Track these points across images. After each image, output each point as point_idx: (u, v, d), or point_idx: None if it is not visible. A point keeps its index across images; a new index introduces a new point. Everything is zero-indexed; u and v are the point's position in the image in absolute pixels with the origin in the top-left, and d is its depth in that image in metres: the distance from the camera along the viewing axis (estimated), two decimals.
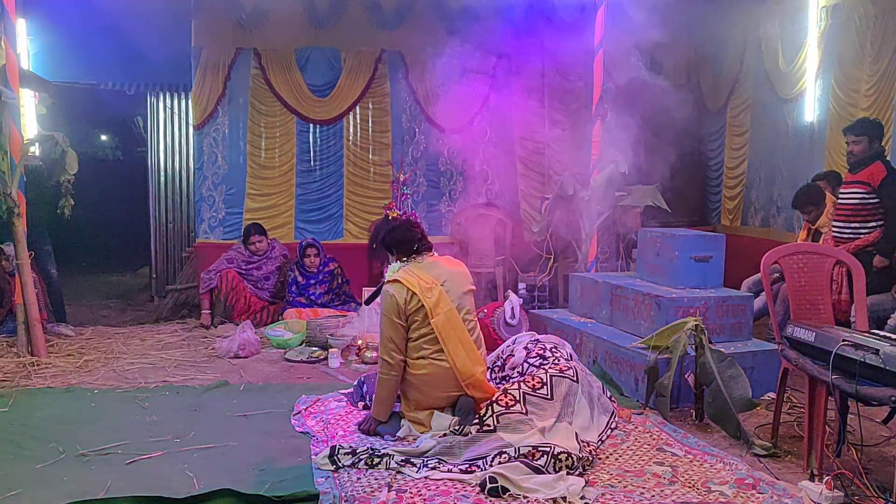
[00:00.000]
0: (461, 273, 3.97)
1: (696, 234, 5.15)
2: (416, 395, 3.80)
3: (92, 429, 3.84)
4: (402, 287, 3.75)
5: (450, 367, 3.70)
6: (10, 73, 5.18)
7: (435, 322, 3.71)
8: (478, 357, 3.83)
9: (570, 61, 7.21)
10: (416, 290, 3.72)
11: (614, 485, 3.21)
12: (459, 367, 3.70)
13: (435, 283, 3.78)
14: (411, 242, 3.94)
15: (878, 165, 4.97)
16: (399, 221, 4.01)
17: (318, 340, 5.58)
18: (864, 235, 5.03)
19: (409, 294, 3.73)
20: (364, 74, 7.44)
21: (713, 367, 3.93)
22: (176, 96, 8.24)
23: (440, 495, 3.06)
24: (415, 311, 3.73)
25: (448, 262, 4.01)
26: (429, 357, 3.74)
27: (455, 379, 3.71)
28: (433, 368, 3.73)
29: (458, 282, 3.90)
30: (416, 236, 3.95)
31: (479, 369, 3.80)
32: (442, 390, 3.76)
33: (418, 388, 3.78)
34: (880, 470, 3.40)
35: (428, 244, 3.99)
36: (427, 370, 3.74)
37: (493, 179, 7.71)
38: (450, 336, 3.73)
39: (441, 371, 3.73)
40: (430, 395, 3.77)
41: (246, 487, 3.07)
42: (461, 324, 3.79)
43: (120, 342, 5.79)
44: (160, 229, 8.46)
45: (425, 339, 3.74)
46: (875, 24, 5.74)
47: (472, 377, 3.73)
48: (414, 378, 3.77)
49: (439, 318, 3.72)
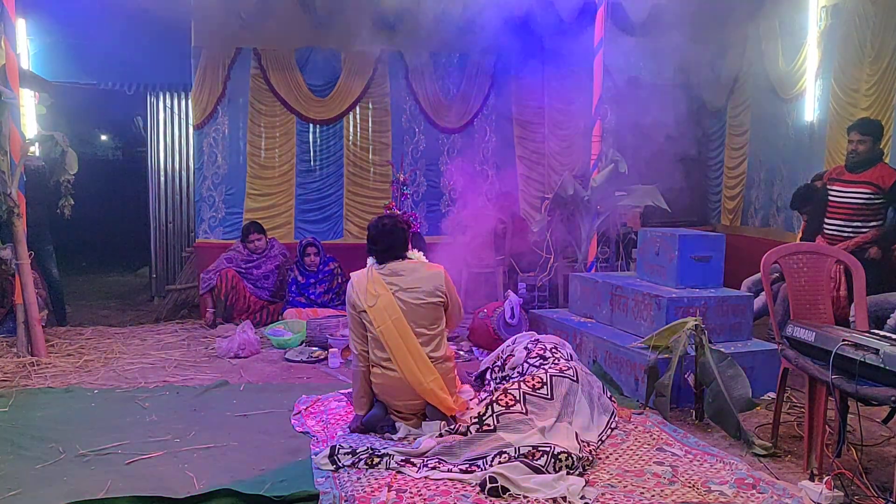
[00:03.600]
0: (426, 285, 3.84)
1: (696, 234, 5.15)
2: (386, 401, 3.83)
3: (92, 429, 3.84)
4: (352, 286, 3.86)
5: (400, 376, 3.72)
6: (10, 73, 5.18)
7: (380, 329, 3.74)
8: (429, 368, 3.75)
9: (571, 61, 7.21)
10: (360, 293, 3.80)
11: (614, 485, 3.21)
12: (407, 376, 3.70)
13: (385, 291, 3.78)
14: (376, 247, 3.92)
15: (886, 168, 5.03)
16: (383, 222, 3.92)
17: (318, 340, 5.58)
18: (864, 233, 5.07)
19: (353, 294, 3.83)
20: (364, 74, 7.45)
21: (713, 367, 3.93)
22: (176, 96, 8.24)
23: (440, 495, 3.06)
24: (359, 312, 3.82)
25: (418, 271, 3.90)
26: (379, 364, 3.79)
27: (409, 389, 3.73)
28: (384, 378, 3.77)
29: (418, 292, 3.82)
30: (383, 244, 3.89)
31: (430, 378, 3.73)
32: (399, 399, 3.79)
33: (379, 396, 3.83)
34: (880, 470, 3.40)
35: (396, 254, 3.90)
36: (380, 379, 3.79)
37: (493, 179, 7.72)
38: (397, 345, 3.73)
39: (392, 381, 3.75)
40: (391, 404, 3.82)
41: (246, 487, 3.07)
42: (410, 334, 3.75)
43: (120, 342, 5.79)
44: (160, 229, 8.46)
45: (376, 345, 3.80)
46: (875, 24, 5.74)
47: (420, 386, 3.71)
48: (374, 386, 3.83)
49: (384, 326, 3.73)
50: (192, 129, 7.52)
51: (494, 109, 7.74)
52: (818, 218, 5.37)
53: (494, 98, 7.71)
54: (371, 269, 3.91)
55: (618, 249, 7.22)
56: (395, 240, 3.91)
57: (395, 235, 3.90)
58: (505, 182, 7.72)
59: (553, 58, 7.49)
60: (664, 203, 6.45)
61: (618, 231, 7.16)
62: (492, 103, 7.71)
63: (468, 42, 7.12)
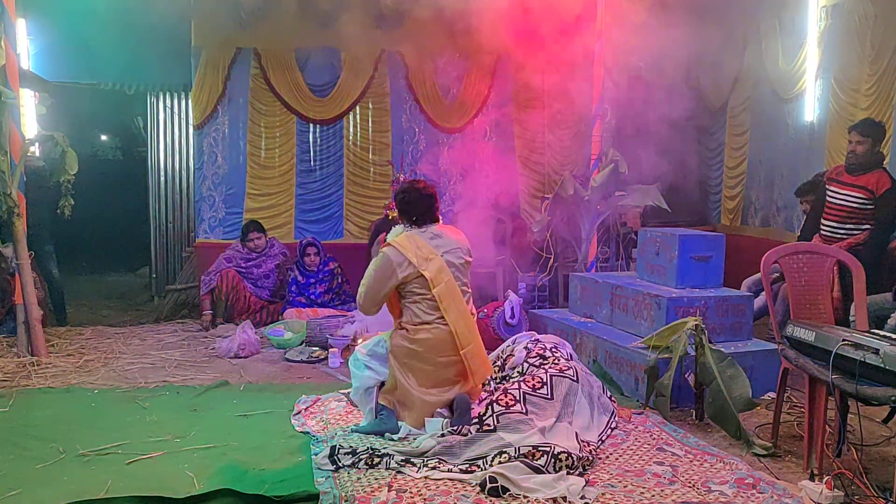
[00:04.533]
0: (462, 244, 4.04)
1: (696, 234, 5.15)
2: (417, 365, 3.83)
3: (92, 429, 3.84)
4: (399, 253, 3.83)
5: (451, 331, 3.81)
6: (10, 73, 5.18)
7: (437, 291, 3.80)
8: (475, 328, 3.95)
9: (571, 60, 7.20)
10: (412, 259, 3.81)
11: (614, 484, 3.21)
12: (459, 333, 3.82)
13: (435, 254, 3.86)
14: (415, 211, 3.99)
15: (883, 175, 5.00)
16: (417, 186, 4.03)
17: (318, 340, 5.58)
18: (856, 235, 5.06)
19: (405, 261, 3.81)
20: (364, 74, 7.45)
21: (713, 366, 3.93)
22: (176, 96, 8.23)
23: (440, 495, 3.06)
24: (412, 279, 3.82)
25: (452, 233, 4.09)
26: (432, 322, 3.84)
27: (454, 345, 3.81)
28: (436, 332, 3.83)
29: (458, 253, 3.99)
30: (422, 207, 3.99)
31: (476, 339, 3.91)
32: (443, 354, 3.84)
33: (420, 356, 3.83)
34: (880, 470, 3.40)
35: (434, 217, 4.03)
36: (431, 334, 3.83)
37: (493, 179, 7.71)
38: (451, 305, 3.84)
39: (443, 335, 3.82)
40: (431, 361, 3.84)
41: (246, 487, 3.07)
42: (460, 294, 3.91)
43: (120, 342, 5.79)
44: (160, 229, 8.46)
45: (427, 307, 3.83)
46: (875, 24, 5.74)
47: (470, 345, 3.85)
48: (416, 344, 3.83)
49: (440, 287, 3.82)
50: (192, 129, 7.52)
51: (494, 109, 7.73)
52: (818, 210, 5.35)
53: (494, 98, 7.71)
54: (412, 234, 3.95)
55: (618, 249, 7.22)
56: (432, 202, 4.03)
57: (432, 198, 4.03)
58: (505, 182, 7.72)
59: (553, 57, 7.48)
60: (664, 203, 6.45)
61: (618, 231, 7.15)
62: (492, 103, 7.70)
63: (468, 42, 7.11)
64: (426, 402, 3.82)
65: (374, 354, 3.96)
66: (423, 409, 3.82)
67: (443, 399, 3.85)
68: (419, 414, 3.82)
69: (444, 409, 3.86)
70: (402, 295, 3.90)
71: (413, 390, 3.82)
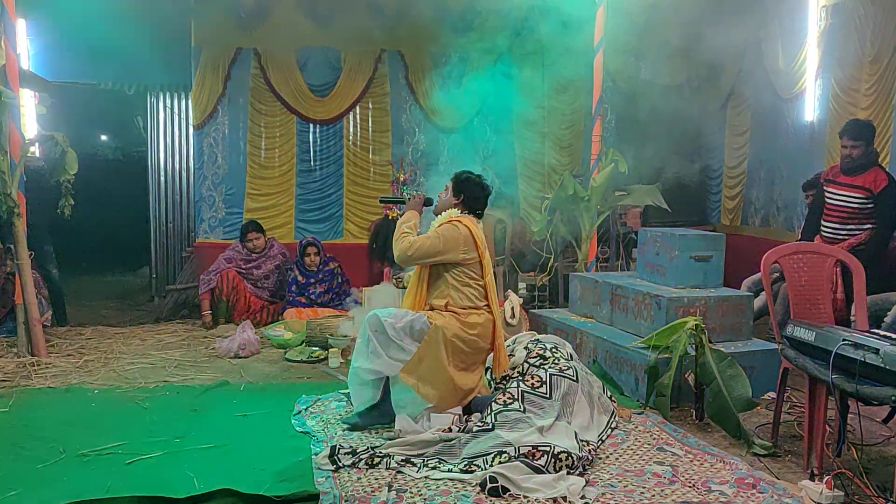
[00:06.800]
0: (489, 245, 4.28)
1: (696, 234, 5.15)
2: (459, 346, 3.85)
3: (92, 429, 3.84)
4: (470, 235, 3.91)
5: (493, 320, 3.93)
6: (10, 73, 5.17)
7: (488, 280, 3.95)
8: None
9: (571, 60, 7.21)
10: (479, 243, 3.92)
11: (614, 484, 3.21)
12: (498, 324, 3.95)
13: (485, 245, 3.98)
14: (478, 206, 4.09)
15: (880, 173, 4.98)
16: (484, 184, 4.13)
17: (318, 340, 5.58)
18: (857, 235, 5.05)
19: (473, 244, 3.91)
20: (364, 74, 7.45)
21: (713, 366, 3.93)
22: (176, 96, 8.22)
23: (440, 495, 3.07)
24: (471, 261, 3.92)
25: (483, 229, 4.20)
26: (481, 308, 3.95)
27: (493, 334, 3.94)
28: (484, 319, 3.93)
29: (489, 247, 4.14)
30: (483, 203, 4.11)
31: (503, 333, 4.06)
32: (485, 340, 3.94)
33: (466, 340, 3.87)
34: (880, 470, 3.40)
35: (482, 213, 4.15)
36: (481, 319, 3.91)
37: (492, 179, 7.71)
38: (493, 296, 3.98)
39: (488, 323, 3.94)
40: (474, 346, 3.91)
41: (246, 487, 3.07)
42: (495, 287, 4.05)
43: (120, 342, 5.78)
44: (160, 229, 8.45)
45: (478, 293, 3.95)
46: (875, 24, 5.74)
47: (500, 338, 3.97)
48: (469, 328, 3.88)
49: (490, 277, 3.96)
50: (192, 129, 7.52)
51: (494, 109, 7.73)
52: (818, 210, 5.34)
53: (494, 98, 7.70)
54: (476, 222, 4.04)
55: (618, 249, 7.22)
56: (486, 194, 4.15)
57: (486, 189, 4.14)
58: (505, 182, 7.71)
59: (553, 57, 7.48)
60: (664, 203, 6.45)
61: (618, 231, 7.16)
62: (491, 103, 7.70)
63: (468, 42, 7.11)
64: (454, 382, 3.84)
65: (409, 330, 3.82)
66: (447, 387, 3.82)
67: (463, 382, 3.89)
68: (442, 392, 3.82)
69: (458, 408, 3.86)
70: (453, 276, 3.93)
71: (448, 367, 3.83)
